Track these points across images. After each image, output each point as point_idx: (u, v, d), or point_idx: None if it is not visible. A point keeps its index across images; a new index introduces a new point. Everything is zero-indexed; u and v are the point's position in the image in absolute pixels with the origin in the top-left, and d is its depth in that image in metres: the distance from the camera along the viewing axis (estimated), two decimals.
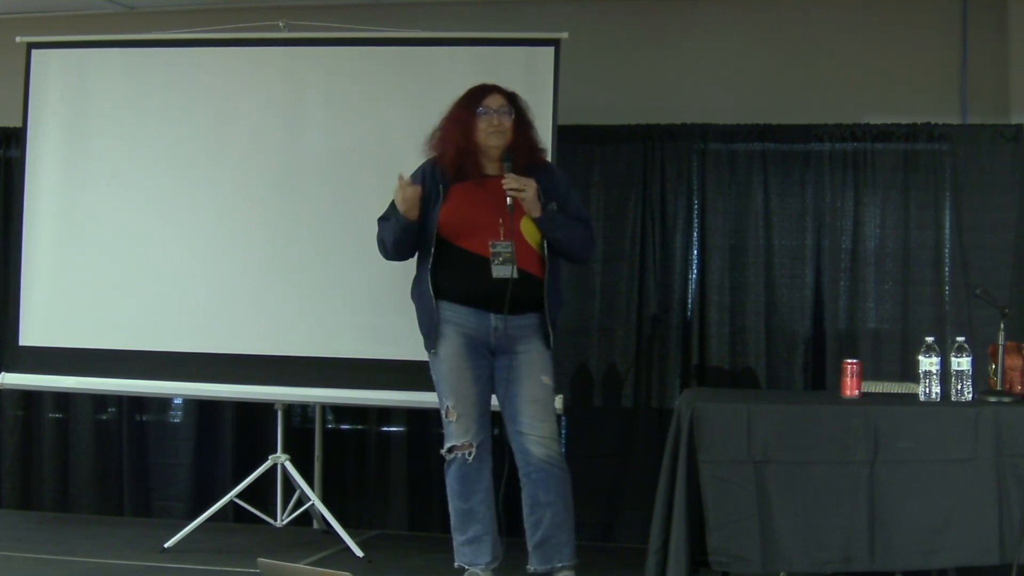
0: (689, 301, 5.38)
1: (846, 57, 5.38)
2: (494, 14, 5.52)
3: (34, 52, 5.29)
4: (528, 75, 4.90)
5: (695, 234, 5.37)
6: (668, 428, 4.13)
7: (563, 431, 5.20)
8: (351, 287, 5.02)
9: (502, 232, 4.18)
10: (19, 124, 5.35)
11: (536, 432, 4.24)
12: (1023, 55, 5.24)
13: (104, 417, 5.86)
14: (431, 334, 4.30)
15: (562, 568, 4.28)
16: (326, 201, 5.08)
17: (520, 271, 4.18)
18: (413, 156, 5.03)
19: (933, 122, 5.18)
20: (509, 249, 4.17)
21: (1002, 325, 4.12)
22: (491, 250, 4.17)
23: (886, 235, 5.23)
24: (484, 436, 4.29)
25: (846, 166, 5.26)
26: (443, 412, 4.31)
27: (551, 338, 4.28)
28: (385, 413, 5.61)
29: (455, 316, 4.27)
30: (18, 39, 5.31)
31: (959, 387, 4.04)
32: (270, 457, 5.19)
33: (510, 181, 4.16)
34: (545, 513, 4.26)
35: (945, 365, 4.06)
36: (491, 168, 4.29)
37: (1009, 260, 5.12)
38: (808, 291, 5.27)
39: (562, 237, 4.25)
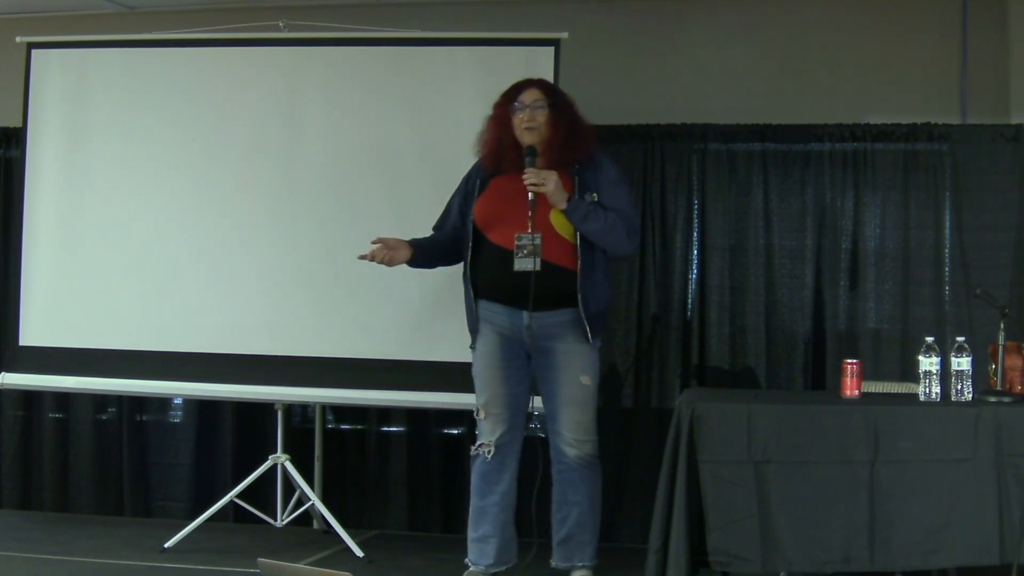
0: (689, 301, 5.38)
1: (846, 57, 5.38)
2: (494, 14, 5.52)
3: (34, 52, 5.30)
4: (528, 75, 4.89)
5: (695, 234, 5.36)
6: (668, 428, 4.14)
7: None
8: (351, 287, 5.02)
9: (530, 225, 4.16)
10: (19, 124, 5.35)
11: (571, 433, 4.26)
12: (1023, 55, 5.24)
13: (104, 417, 5.86)
14: (472, 330, 4.34)
15: (581, 567, 4.31)
16: (326, 201, 5.08)
17: (550, 264, 4.17)
18: (413, 155, 5.06)
19: (933, 122, 5.18)
20: (534, 242, 4.16)
21: (1002, 325, 4.13)
22: (516, 243, 4.17)
23: (886, 235, 5.23)
24: (510, 438, 4.30)
25: (846, 166, 5.25)
26: (475, 410, 4.35)
27: (589, 333, 4.23)
28: (385, 413, 5.61)
29: (490, 315, 4.29)
30: (18, 39, 5.32)
31: (959, 387, 4.04)
32: (270, 457, 5.19)
33: (529, 176, 4.16)
34: (571, 512, 4.30)
35: (945, 365, 4.06)
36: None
37: (1009, 260, 5.12)
38: (808, 291, 5.27)
39: (592, 229, 4.21)
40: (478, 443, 4.32)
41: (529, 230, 4.17)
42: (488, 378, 4.31)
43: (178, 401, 5.75)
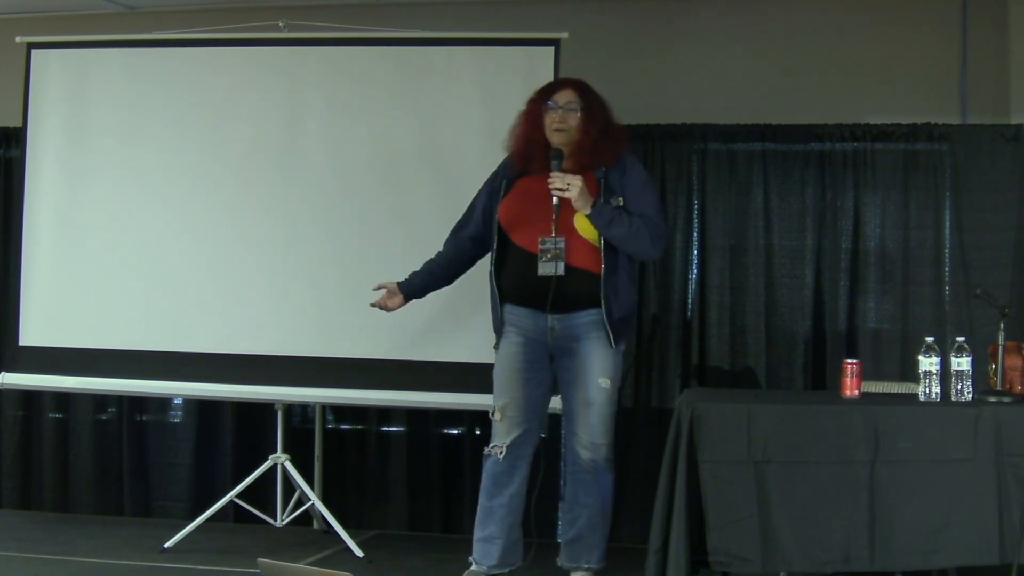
0: (689, 301, 5.38)
1: (846, 57, 5.37)
2: (494, 14, 5.52)
3: (34, 52, 5.30)
4: (528, 75, 4.90)
5: (695, 234, 5.36)
6: (668, 428, 4.14)
7: (561, 432, 5.19)
8: (351, 287, 5.01)
9: (554, 228, 4.16)
10: (19, 124, 5.35)
11: (586, 435, 4.26)
12: (1023, 55, 5.24)
13: (104, 417, 5.85)
14: (497, 333, 4.33)
15: (588, 569, 4.31)
16: (327, 201, 5.08)
17: (573, 268, 4.18)
18: (413, 155, 5.05)
19: (933, 122, 5.18)
20: (557, 246, 4.16)
21: (1002, 325, 4.13)
22: (540, 247, 4.18)
23: (886, 235, 5.23)
24: (524, 442, 4.29)
25: (846, 166, 5.25)
26: (490, 411, 4.34)
27: (612, 337, 4.24)
28: (385, 413, 5.61)
29: (515, 318, 4.29)
30: (18, 39, 5.31)
31: (959, 387, 4.04)
32: (270, 457, 5.19)
33: (554, 180, 4.15)
34: (582, 513, 4.32)
35: (945, 365, 4.06)
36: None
37: (1009, 260, 5.12)
38: (808, 291, 5.27)
39: (616, 234, 4.20)
40: (491, 444, 4.31)
41: (553, 234, 4.17)
42: (508, 381, 4.29)
43: (178, 401, 5.75)
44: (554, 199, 4.15)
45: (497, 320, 4.33)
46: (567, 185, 4.13)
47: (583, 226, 4.20)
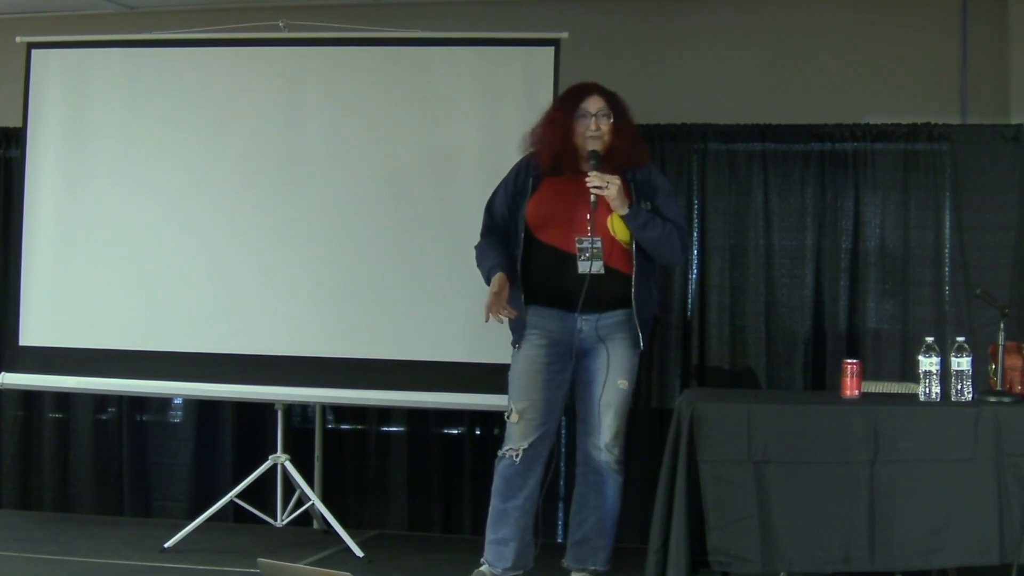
0: (689, 301, 5.38)
1: (846, 57, 5.38)
2: (494, 14, 5.52)
3: (34, 52, 5.30)
4: (528, 75, 4.91)
5: (695, 234, 5.36)
6: (668, 428, 4.13)
7: (563, 431, 5.19)
8: (352, 287, 5.02)
9: (590, 228, 4.16)
10: (19, 124, 5.35)
11: (601, 436, 4.25)
12: (1023, 55, 5.25)
13: (104, 417, 5.85)
14: (517, 333, 4.31)
15: (593, 571, 4.30)
16: (327, 201, 5.08)
17: (608, 268, 4.19)
18: (414, 155, 5.05)
19: (933, 122, 5.18)
20: (595, 245, 4.17)
21: (1002, 325, 4.13)
22: (577, 246, 4.18)
23: (886, 235, 5.23)
24: (541, 445, 4.27)
25: (846, 166, 5.25)
26: (506, 412, 4.31)
27: (640, 338, 4.25)
28: (385, 413, 5.61)
29: (541, 320, 4.27)
30: (18, 39, 5.32)
31: (959, 387, 4.04)
32: (270, 457, 5.19)
33: (593, 179, 4.14)
34: (591, 515, 4.31)
35: (945, 365, 4.06)
36: (587, 167, 4.24)
37: (1009, 260, 5.12)
38: (808, 291, 5.27)
39: (649, 236, 4.21)
40: (506, 447, 4.27)
41: (589, 233, 4.16)
42: (529, 382, 4.26)
43: (178, 401, 5.75)
44: (592, 198, 4.14)
45: (519, 321, 4.29)
46: (606, 183, 4.12)
47: (617, 227, 4.21)
